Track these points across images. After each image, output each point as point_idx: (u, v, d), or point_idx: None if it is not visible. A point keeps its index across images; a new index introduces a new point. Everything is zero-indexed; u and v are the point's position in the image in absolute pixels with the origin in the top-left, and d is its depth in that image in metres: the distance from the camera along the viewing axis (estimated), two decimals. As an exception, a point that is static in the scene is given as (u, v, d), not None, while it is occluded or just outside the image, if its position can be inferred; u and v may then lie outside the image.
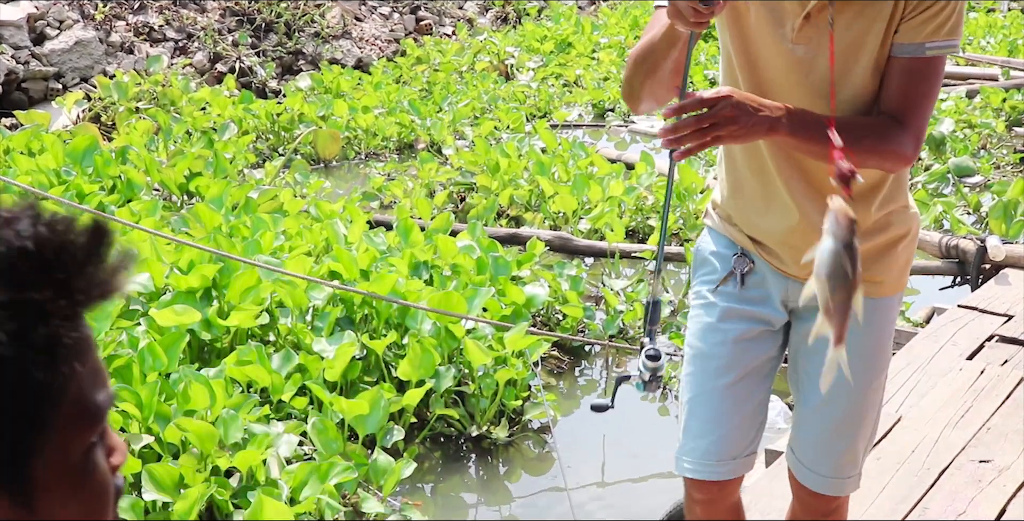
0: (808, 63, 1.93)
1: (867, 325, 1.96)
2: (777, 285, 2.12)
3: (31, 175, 5.97)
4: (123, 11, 10.23)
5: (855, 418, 2.14)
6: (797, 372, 2.20)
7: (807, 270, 1.98)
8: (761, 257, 2.12)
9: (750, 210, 2.11)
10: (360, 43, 11.60)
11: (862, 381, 2.09)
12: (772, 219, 2.06)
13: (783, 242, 2.06)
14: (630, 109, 2.06)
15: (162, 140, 7.58)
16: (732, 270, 2.14)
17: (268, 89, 10.18)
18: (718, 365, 2.14)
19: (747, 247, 2.13)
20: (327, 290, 4.55)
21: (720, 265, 2.16)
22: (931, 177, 7.39)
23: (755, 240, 2.12)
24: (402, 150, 8.79)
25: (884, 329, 2.13)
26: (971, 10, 15.11)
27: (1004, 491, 3.15)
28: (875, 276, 2.05)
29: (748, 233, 2.13)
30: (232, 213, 5.73)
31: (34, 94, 9.01)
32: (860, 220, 1.99)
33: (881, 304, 2.09)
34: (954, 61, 11.36)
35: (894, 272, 2.10)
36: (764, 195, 2.06)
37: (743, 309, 2.14)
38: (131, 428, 3.53)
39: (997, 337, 4.26)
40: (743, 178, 2.10)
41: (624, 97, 2.05)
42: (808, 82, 1.94)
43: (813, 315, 2.04)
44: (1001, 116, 9.23)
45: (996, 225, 5.95)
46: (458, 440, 4.30)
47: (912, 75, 1.88)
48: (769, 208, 2.07)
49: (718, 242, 2.19)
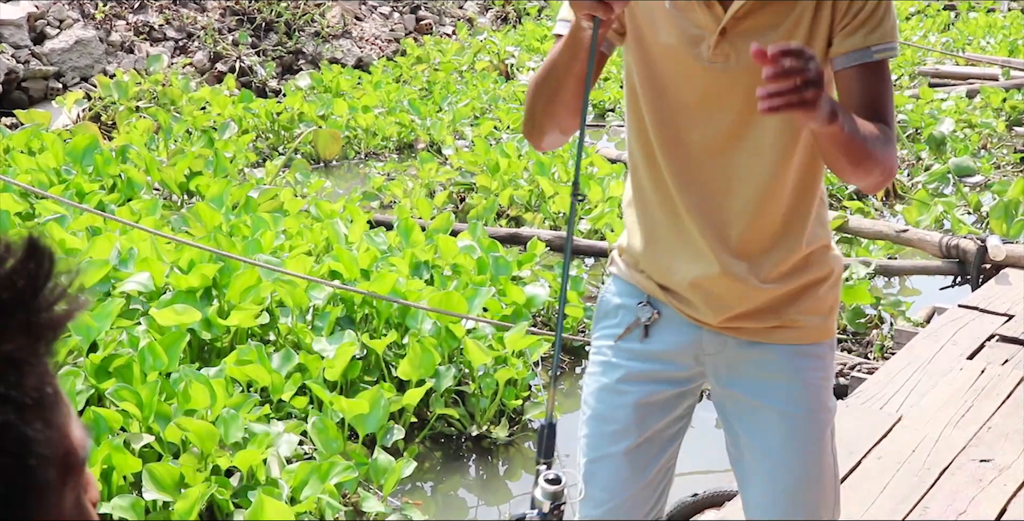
0: (728, 82, 1.76)
1: (793, 374, 1.88)
2: (688, 335, 1.92)
3: (31, 174, 5.97)
4: (123, 10, 10.23)
5: (810, 485, 1.92)
6: (738, 445, 1.96)
7: (723, 316, 1.89)
8: (671, 305, 1.92)
9: (661, 253, 1.91)
10: (360, 42, 11.60)
11: (804, 441, 1.90)
12: (686, 264, 1.88)
13: (697, 286, 1.87)
14: (533, 146, 1.88)
15: (162, 139, 7.57)
16: (636, 320, 1.95)
17: (268, 88, 10.18)
18: (615, 430, 1.94)
19: (655, 295, 1.93)
20: (327, 290, 4.55)
21: (623, 317, 1.97)
22: (931, 177, 7.39)
23: (665, 288, 1.92)
24: (402, 150, 8.79)
25: (813, 381, 1.91)
26: (971, 10, 15.12)
27: (1005, 490, 3.15)
28: (794, 321, 1.88)
29: (658, 280, 1.93)
30: (232, 212, 5.73)
31: (34, 93, 9.01)
32: (786, 259, 1.87)
33: (803, 351, 1.90)
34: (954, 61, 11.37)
35: (815, 318, 1.90)
36: (678, 238, 1.88)
37: (646, 369, 1.94)
38: (131, 427, 3.53)
39: (997, 337, 4.26)
40: (655, 219, 1.91)
41: (525, 133, 1.86)
42: (728, 104, 1.78)
43: (735, 378, 1.93)
44: (1001, 116, 9.23)
45: (997, 225, 5.95)
46: (458, 440, 4.30)
47: (869, 82, 1.74)
48: (682, 252, 1.88)
49: (623, 291, 1.99)
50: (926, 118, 8.74)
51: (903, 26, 13.60)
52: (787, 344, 1.90)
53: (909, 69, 11.24)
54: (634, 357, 1.94)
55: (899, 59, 11.56)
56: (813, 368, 1.91)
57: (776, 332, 1.90)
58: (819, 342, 1.92)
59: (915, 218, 6.40)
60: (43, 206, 5.39)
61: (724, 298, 1.87)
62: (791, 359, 1.90)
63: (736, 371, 1.92)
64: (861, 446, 3.38)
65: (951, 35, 13.28)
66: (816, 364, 1.92)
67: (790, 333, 1.89)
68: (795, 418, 1.89)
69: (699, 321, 1.90)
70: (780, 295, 1.88)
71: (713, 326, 1.90)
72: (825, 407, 1.93)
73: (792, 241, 1.87)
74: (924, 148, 8.10)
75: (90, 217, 5.10)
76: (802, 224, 1.87)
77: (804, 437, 1.90)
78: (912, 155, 8.11)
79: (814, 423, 1.91)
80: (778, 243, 1.87)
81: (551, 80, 1.75)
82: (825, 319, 1.93)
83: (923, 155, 8.01)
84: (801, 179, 1.84)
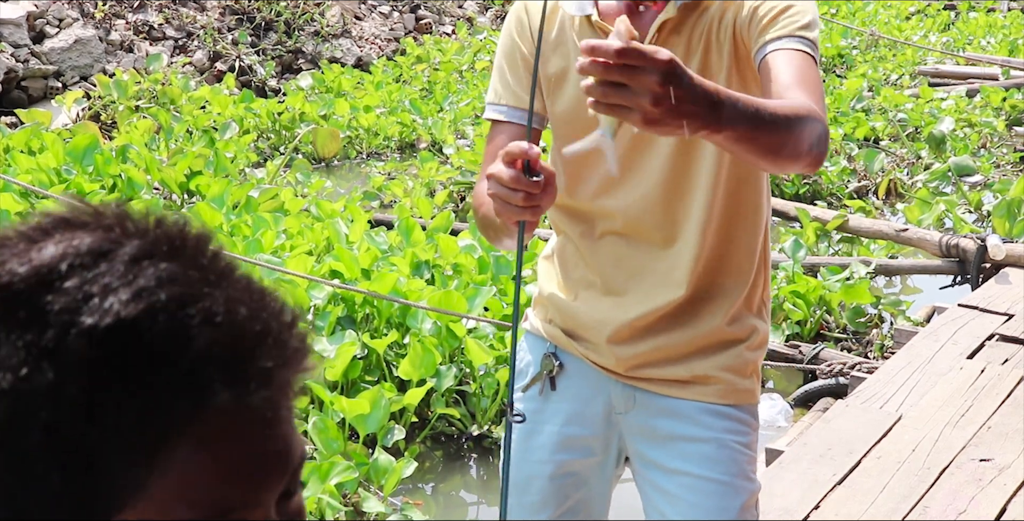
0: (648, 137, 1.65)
1: (708, 435, 1.75)
2: (598, 388, 1.81)
3: (31, 174, 5.97)
4: (123, 9, 10.24)
5: None
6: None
7: (630, 365, 1.77)
8: (576, 354, 1.81)
9: (571, 287, 1.81)
10: (360, 42, 11.60)
11: (720, 511, 1.75)
12: (592, 301, 1.78)
13: (603, 323, 1.76)
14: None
15: (163, 139, 7.58)
16: (540, 372, 1.83)
17: (268, 88, 10.19)
18: (534, 501, 1.85)
19: (560, 343, 1.83)
20: (328, 289, 4.55)
21: (532, 370, 1.86)
22: (932, 176, 7.39)
23: (571, 333, 1.82)
24: (403, 149, 8.80)
25: (731, 444, 1.76)
26: (971, 10, 15.12)
27: (1005, 490, 3.15)
28: (708, 376, 1.77)
29: (563, 325, 1.83)
30: (233, 212, 5.73)
31: (33, 92, 9.01)
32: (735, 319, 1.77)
33: (720, 412, 1.77)
34: (955, 61, 11.37)
35: (733, 376, 1.78)
36: (587, 265, 1.79)
37: (559, 435, 1.83)
38: (132, 427, 3.53)
39: (997, 336, 4.27)
40: (568, 249, 1.83)
41: (480, 233, 1.77)
42: (661, 159, 1.70)
43: (648, 441, 1.79)
44: (1001, 115, 9.23)
45: (1000, 223, 5.95)
46: (459, 439, 4.30)
47: (791, 63, 1.57)
48: (590, 288, 1.79)
49: (533, 347, 1.88)
50: (926, 117, 8.75)
51: (903, 26, 13.60)
52: (701, 402, 1.77)
53: (909, 69, 11.24)
54: (546, 421, 1.83)
55: (899, 59, 11.57)
56: (731, 431, 1.77)
57: (689, 387, 1.77)
58: (739, 405, 1.78)
59: (917, 217, 6.40)
60: (44, 206, 5.39)
61: (626, 336, 1.76)
62: (705, 418, 1.76)
63: (649, 434, 1.80)
64: (861, 446, 3.38)
65: (951, 35, 13.28)
66: (735, 427, 1.77)
67: (704, 390, 1.76)
68: (710, 483, 1.74)
69: (607, 370, 1.80)
70: (689, 342, 1.77)
71: (620, 376, 1.79)
72: (745, 476, 1.78)
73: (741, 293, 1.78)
74: (924, 147, 8.10)
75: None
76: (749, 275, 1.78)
77: (720, 506, 1.75)
78: (912, 154, 8.12)
79: (733, 491, 1.76)
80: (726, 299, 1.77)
81: (491, 226, 1.64)
82: (746, 381, 1.79)
83: (923, 154, 8.02)
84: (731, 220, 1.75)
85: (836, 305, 5.13)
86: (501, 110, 1.77)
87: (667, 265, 1.76)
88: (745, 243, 1.78)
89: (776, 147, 1.42)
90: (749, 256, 1.79)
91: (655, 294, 1.76)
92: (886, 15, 14.20)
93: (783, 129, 1.41)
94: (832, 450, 3.35)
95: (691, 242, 1.74)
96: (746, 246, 1.79)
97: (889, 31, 12.90)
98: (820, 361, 4.62)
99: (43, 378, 0.59)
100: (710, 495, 1.74)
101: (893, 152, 8.19)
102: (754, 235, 1.79)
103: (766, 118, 1.38)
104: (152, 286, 0.61)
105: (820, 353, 4.67)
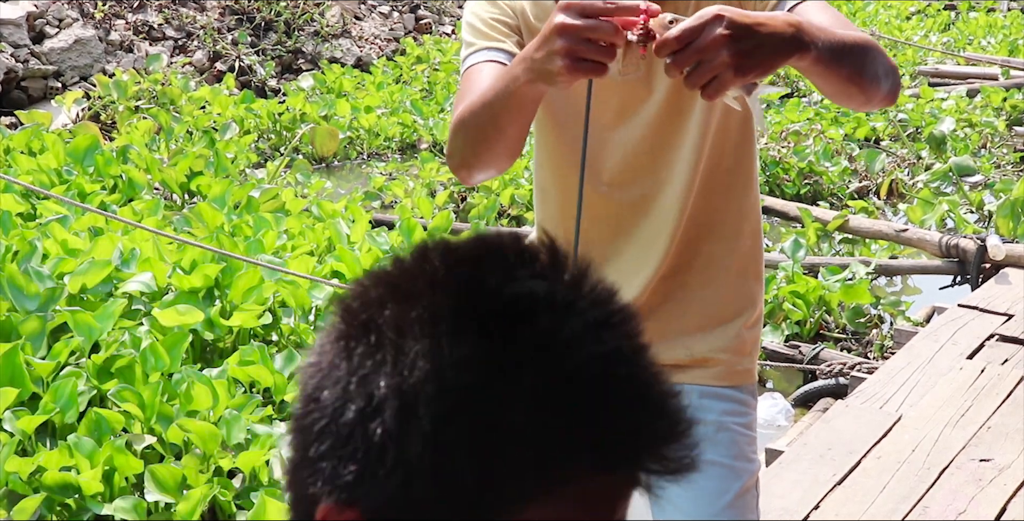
0: (646, 87, 1.66)
1: (706, 417, 1.69)
2: None
3: (32, 174, 5.98)
4: (122, 10, 10.24)
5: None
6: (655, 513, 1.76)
7: None
8: None
9: None
10: (360, 42, 11.61)
11: (720, 494, 1.71)
12: None
13: None
14: (460, 180, 1.74)
15: (163, 139, 7.59)
16: None
17: (268, 88, 10.19)
18: None
19: None
20: (329, 290, 4.56)
21: None
22: (933, 176, 7.40)
23: None
24: (404, 150, 8.80)
25: (731, 426, 1.74)
26: (971, 10, 15.12)
27: (1004, 490, 3.15)
28: (707, 358, 1.74)
29: None
30: (234, 212, 5.74)
31: (33, 93, 9.02)
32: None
33: (719, 394, 1.75)
34: (955, 61, 11.38)
35: (731, 357, 1.76)
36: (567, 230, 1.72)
37: None
38: (133, 428, 3.54)
39: (997, 336, 4.27)
40: (549, 211, 1.83)
41: (453, 168, 1.66)
42: (651, 113, 1.67)
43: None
44: (1001, 115, 9.24)
45: (1003, 223, 5.95)
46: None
47: (824, 11, 1.53)
48: None
49: None
50: (926, 117, 8.76)
51: (903, 26, 13.60)
52: (701, 385, 1.74)
53: (909, 69, 11.25)
54: None
55: (899, 59, 11.56)
56: (730, 412, 1.74)
57: (689, 371, 1.74)
58: (738, 386, 1.76)
59: (919, 217, 6.40)
60: (45, 207, 5.40)
61: None
62: (704, 401, 1.73)
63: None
64: (861, 446, 3.39)
65: (951, 35, 13.28)
66: (734, 409, 1.75)
67: (704, 372, 1.74)
68: (710, 466, 1.66)
69: None
70: (682, 317, 1.74)
71: None
72: (745, 457, 1.75)
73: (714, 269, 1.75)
74: (924, 147, 8.11)
75: (92, 217, 5.10)
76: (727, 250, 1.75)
77: (720, 488, 1.71)
78: (913, 154, 8.12)
79: (734, 473, 1.72)
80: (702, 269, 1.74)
81: (490, 129, 1.55)
82: (744, 360, 1.77)
83: (924, 154, 8.02)
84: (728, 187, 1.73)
85: (836, 305, 5.14)
86: (483, 53, 1.67)
87: (650, 230, 1.73)
88: (736, 208, 1.76)
89: (860, 67, 1.43)
90: (736, 223, 1.76)
91: (639, 264, 1.73)
92: (886, 15, 14.20)
93: (860, 48, 1.43)
94: (832, 450, 3.36)
95: (674, 202, 1.71)
96: (737, 211, 1.76)
97: (889, 31, 12.91)
98: (820, 361, 4.63)
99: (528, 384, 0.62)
100: (710, 477, 1.70)
101: (894, 152, 8.20)
102: (744, 199, 1.75)
103: (845, 37, 1.40)
104: (621, 337, 0.65)
105: (820, 353, 4.67)
